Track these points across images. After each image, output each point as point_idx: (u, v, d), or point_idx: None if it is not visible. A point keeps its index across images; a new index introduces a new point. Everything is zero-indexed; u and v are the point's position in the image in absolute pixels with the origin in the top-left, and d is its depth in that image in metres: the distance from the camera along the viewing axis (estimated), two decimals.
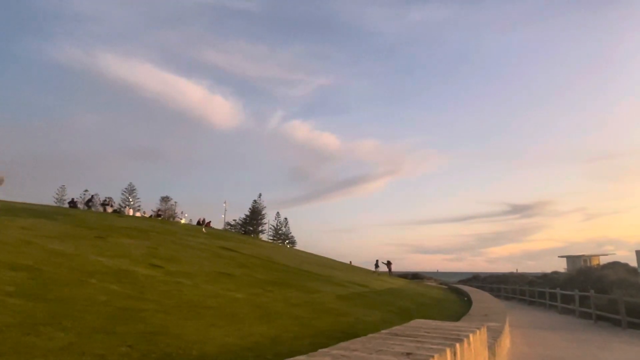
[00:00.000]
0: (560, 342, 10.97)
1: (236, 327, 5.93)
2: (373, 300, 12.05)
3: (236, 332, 5.57)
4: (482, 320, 10.20)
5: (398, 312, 10.59)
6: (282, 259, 19.93)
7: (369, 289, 15.09)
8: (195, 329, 5.33)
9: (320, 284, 13.47)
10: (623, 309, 14.09)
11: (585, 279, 23.74)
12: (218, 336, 5.20)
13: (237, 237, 33.98)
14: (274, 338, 5.70)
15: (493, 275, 47.33)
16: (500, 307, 13.65)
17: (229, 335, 5.37)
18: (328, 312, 8.86)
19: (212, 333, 5.30)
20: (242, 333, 5.61)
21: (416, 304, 13.64)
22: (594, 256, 43.58)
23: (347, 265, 30.25)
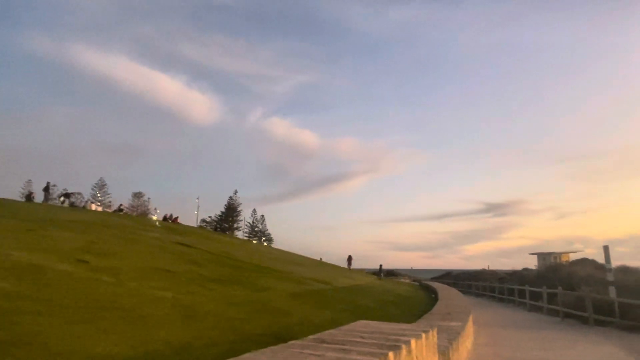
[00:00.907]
0: (526, 342, 10.34)
1: (138, 332, 4.91)
2: (329, 299, 11.17)
3: (132, 339, 4.56)
4: (443, 319, 9.44)
5: (353, 311, 9.73)
6: (243, 255, 18.88)
7: (330, 287, 14.22)
8: (76, 336, 4.29)
9: (276, 281, 12.52)
10: (590, 306, 13.65)
11: (554, 276, 23.53)
12: (101, 345, 4.18)
13: (204, 233, 32.65)
14: (183, 345, 4.72)
15: (465, 272, 47.42)
16: (465, 305, 13.00)
17: (120, 343, 4.35)
18: (270, 312, 7.91)
19: (96, 341, 4.27)
20: (140, 340, 4.59)
21: (378, 302, 12.84)
22: (563, 253, 44.08)
23: (317, 262, 29.39)
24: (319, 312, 8.84)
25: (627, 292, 14.84)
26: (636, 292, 15.58)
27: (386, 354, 3.41)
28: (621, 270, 19.75)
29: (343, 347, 3.81)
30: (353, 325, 4.99)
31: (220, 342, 5.08)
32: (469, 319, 10.17)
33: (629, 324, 12.20)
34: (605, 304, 13.72)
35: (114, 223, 20.35)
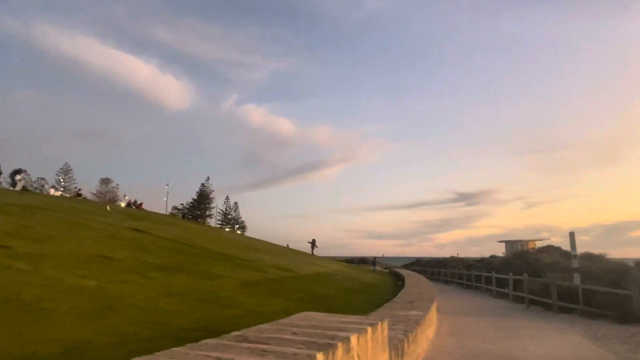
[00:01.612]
0: (491, 331, 9.95)
1: (30, 329, 4.04)
2: (287, 287, 10.47)
3: (15, 339, 3.70)
4: (404, 308, 8.89)
5: (309, 301, 9.07)
6: (205, 242, 17.94)
7: (291, 274, 13.52)
8: None
9: (233, 268, 11.71)
10: (555, 293, 13.48)
11: (520, 263, 23.61)
12: None
13: (169, 219, 31.36)
14: (79, 345, 3.89)
15: (435, 260, 47.79)
16: (430, 292, 12.56)
17: None
18: (214, 302, 7.13)
19: None
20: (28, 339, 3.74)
21: (339, 291, 12.23)
22: (530, 241, 44.96)
23: (284, 249, 28.67)
24: (271, 302, 8.11)
25: (591, 279, 14.77)
26: (599, 279, 15.58)
27: (313, 356, 2.66)
28: (585, 257, 19.87)
29: (264, 346, 3.05)
30: (292, 318, 4.27)
31: (132, 339, 4.27)
32: (432, 307, 9.69)
33: (593, 311, 12.05)
34: (569, 290, 13.58)
35: (65, 207, 18.99)
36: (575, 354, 7.37)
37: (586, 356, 7.26)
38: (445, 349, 7.63)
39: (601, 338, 9.11)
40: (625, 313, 10.90)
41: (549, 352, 7.46)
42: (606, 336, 9.31)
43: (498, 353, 7.35)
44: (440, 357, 7.02)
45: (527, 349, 7.67)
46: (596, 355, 7.41)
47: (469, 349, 7.67)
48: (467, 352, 7.46)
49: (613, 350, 7.78)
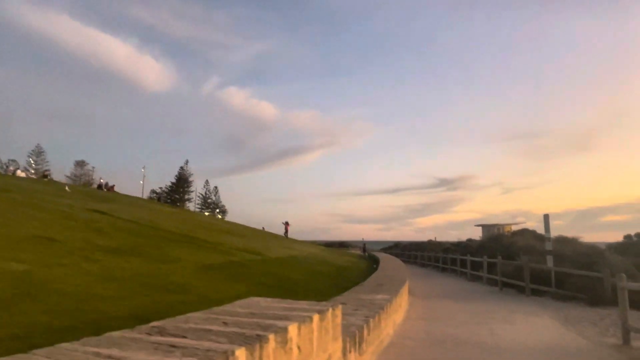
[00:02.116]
0: (462, 315, 9.65)
1: None
2: (251, 271, 9.93)
3: None
4: (371, 292, 8.47)
5: (272, 285, 8.55)
6: (173, 224, 17.20)
7: (260, 258, 12.98)
8: None
9: (195, 252, 11.09)
10: (528, 276, 13.33)
11: (495, 246, 23.64)
12: None
13: (140, 202, 30.33)
14: None
15: (413, 243, 48.05)
16: (402, 275, 12.23)
17: None
18: (160, 288, 6.53)
19: None
20: None
21: (308, 274, 11.77)
22: (506, 225, 45.54)
23: (259, 232, 28.08)
24: (229, 287, 7.55)
25: (564, 262, 14.71)
26: (572, 261, 15.55)
27: (231, 352, 2.11)
28: (559, 240, 19.93)
29: (178, 340, 2.50)
30: (234, 305, 3.71)
31: (40, 331, 3.65)
32: (402, 290, 9.31)
33: (565, 294, 11.93)
34: (542, 273, 13.46)
35: (24, 188, 17.94)
36: (546, 339, 7.07)
37: (557, 341, 6.97)
38: (411, 334, 7.24)
39: (572, 321, 8.90)
40: (596, 295, 10.77)
41: (518, 337, 7.15)
42: (577, 319, 9.12)
43: (466, 338, 7.00)
44: (404, 343, 6.62)
45: (497, 334, 7.35)
46: (567, 339, 7.13)
47: (436, 335, 7.30)
48: (434, 337, 7.09)
49: (584, 334, 7.54)
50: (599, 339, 7.17)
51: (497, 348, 6.41)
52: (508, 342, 6.76)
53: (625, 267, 11.41)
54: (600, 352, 6.30)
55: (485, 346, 6.54)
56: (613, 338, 7.24)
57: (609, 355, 6.11)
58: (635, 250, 15.01)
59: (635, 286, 6.67)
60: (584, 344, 6.77)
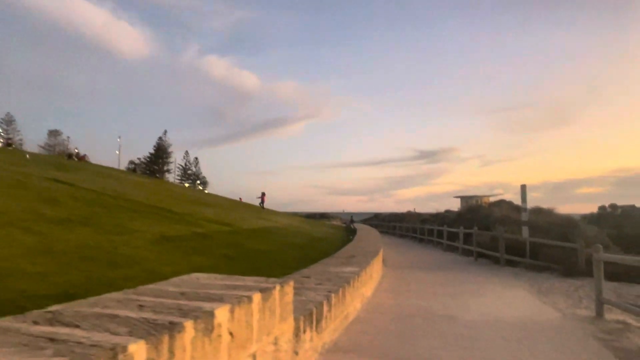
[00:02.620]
0: (434, 287, 9.38)
1: None
2: (215, 243, 9.38)
3: None
4: (340, 264, 8.05)
5: (237, 258, 8.05)
6: (140, 195, 16.41)
7: (229, 229, 12.44)
8: None
9: (157, 222, 10.45)
10: (503, 246, 13.19)
11: (472, 217, 23.66)
12: None
13: (112, 172, 29.19)
14: None
15: (392, 215, 48.27)
16: (376, 246, 11.89)
17: None
18: (103, 261, 5.93)
19: None
20: None
21: (278, 246, 11.31)
22: (484, 197, 46.06)
23: (236, 203, 27.45)
24: (184, 261, 7.00)
25: (540, 233, 14.63)
26: (548, 232, 15.51)
27: (122, 347, 1.51)
28: (534, 211, 19.96)
29: (66, 330, 1.92)
30: (168, 282, 3.15)
31: None
32: (373, 261, 8.94)
33: (538, 264, 11.82)
34: (517, 244, 13.34)
35: None
36: (518, 312, 6.80)
37: (529, 314, 6.71)
38: (380, 308, 6.88)
39: (545, 292, 8.71)
40: (570, 266, 10.65)
41: (490, 310, 6.86)
42: (550, 290, 8.94)
43: (436, 312, 6.67)
44: (372, 318, 6.24)
45: (468, 307, 7.05)
46: (540, 312, 6.88)
47: (406, 308, 6.96)
48: (403, 311, 6.74)
49: (557, 306, 7.31)
50: (572, 311, 6.94)
51: (469, 322, 6.09)
52: (480, 316, 6.46)
53: (600, 238, 11.30)
54: (573, 325, 6.05)
55: (457, 320, 6.22)
56: (586, 310, 7.03)
57: (582, 329, 5.85)
58: (609, 221, 15.03)
59: (612, 258, 6.39)
60: (556, 317, 6.51)
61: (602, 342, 5.19)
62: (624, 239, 12.68)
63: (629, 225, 15.49)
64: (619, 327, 5.83)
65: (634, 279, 9.83)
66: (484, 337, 5.26)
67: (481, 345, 4.92)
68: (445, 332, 5.52)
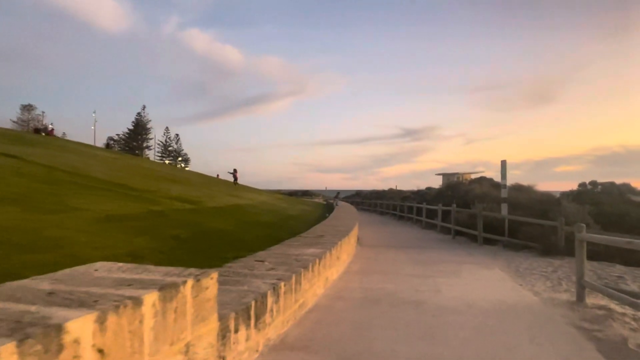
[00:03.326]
0: (406, 266, 8.81)
1: None
2: (168, 223, 8.58)
3: None
4: (304, 245, 7.33)
5: (187, 239, 7.28)
6: (100, 171, 15.36)
7: (192, 207, 11.61)
8: None
9: (107, 200, 9.56)
10: (481, 224, 12.71)
11: (452, 194, 23.28)
12: None
13: (72, 147, 27.71)
14: None
15: (373, 192, 47.93)
16: (350, 225, 11.25)
17: None
18: (19, 245, 5.08)
19: None
20: None
21: (243, 225, 10.56)
22: (466, 174, 45.97)
23: (210, 180, 26.44)
24: (122, 243, 6.19)
25: (519, 210, 14.21)
26: (527, 209, 15.10)
27: None
28: (514, 188, 19.62)
29: None
30: (49, 276, 2.36)
31: None
32: (343, 242, 8.28)
33: (517, 243, 11.37)
34: (496, 221, 12.88)
35: None
36: (493, 296, 6.24)
37: (506, 297, 6.16)
38: (345, 293, 6.24)
39: (524, 273, 8.21)
40: (549, 245, 10.21)
41: (464, 294, 6.28)
42: (528, 271, 8.45)
43: (404, 297, 6.06)
44: (333, 305, 5.59)
45: (440, 291, 6.47)
46: (517, 295, 6.34)
47: (373, 292, 6.33)
48: (369, 295, 6.11)
49: (535, 289, 6.79)
50: (551, 295, 6.42)
51: (438, 309, 5.50)
52: (452, 300, 5.88)
53: (581, 215, 10.86)
54: (552, 312, 5.51)
55: (426, 306, 5.62)
56: (566, 294, 6.51)
57: (562, 316, 5.31)
58: (590, 199, 14.67)
59: (596, 238, 5.84)
60: (535, 302, 5.97)
61: (584, 332, 4.63)
62: (603, 217, 12.31)
63: (608, 202, 15.17)
64: (602, 314, 5.29)
65: (614, 258, 9.43)
66: (452, 327, 4.66)
67: (448, 337, 4.31)
68: (411, 322, 4.90)
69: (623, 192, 17.04)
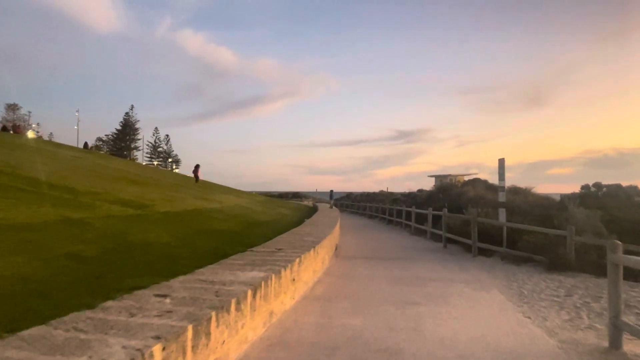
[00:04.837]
0: (385, 288, 7.12)
1: None
2: (82, 235, 6.77)
3: None
4: (256, 263, 5.61)
5: (96, 258, 5.51)
6: (45, 171, 13.51)
7: (138, 212, 9.81)
8: None
9: (17, 205, 7.76)
10: (475, 232, 11.03)
11: (444, 196, 21.64)
12: None
13: (35, 146, 25.78)
14: None
15: (364, 194, 46.27)
16: (322, 234, 9.53)
17: None
18: None
19: None
20: None
21: (189, 235, 8.78)
22: (459, 176, 44.48)
23: (184, 181, 24.45)
24: None
25: (518, 215, 12.59)
26: (526, 214, 13.50)
27: None
28: (511, 191, 18.05)
29: None
30: None
31: None
32: (305, 257, 6.56)
33: (518, 255, 9.71)
34: (492, 229, 11.23)
35: None
36: (493, 337, 4.55)
37: (509, 338, 4.47)
38: (290, 335, 4.51)
39: (529, 297, 6.53)
40: (557, 258, 8.55)
41: (454, 335, 4.58)
42: (535, 294, 6.77)
43: (374, 341, 4.34)
44: (266, 357, 3.87)
45: (422, 330, 4.76)
46: (524, 335, 4.65)
47: (331, 333, 4.61)
48: (324, 339, 4.39)
49: (547, 325, 5.10)
50: (572, 336, 4.73)
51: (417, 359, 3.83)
52: (438, 349, 4.18)
53: (593, 223, 9.22)
54: None
55: (400, 358, 3.93)
56: (591, 333, 4.83)
57: None
58: (596, 203, 13.07)
59: (635, 263, 4.15)
60: (552, 348, 4.28)
61: None
62: (615, 224, 10.68)
63: (616, 207, 13.54)
64: None
65: (636, 275, 7.80)
66: None
67: None
68: None
69: (630, 195, 15.48)
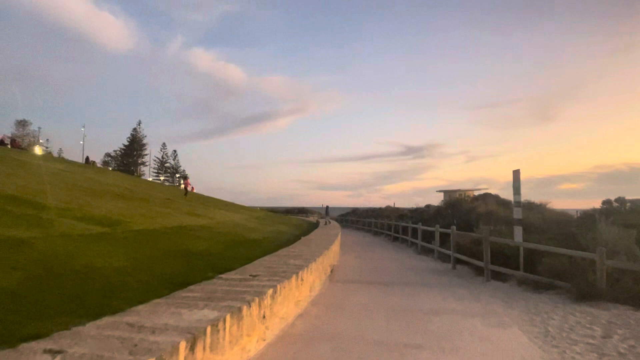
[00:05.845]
0: (379, 326, 5.93)
1: None
2: (6, 262, 5.73)
3: None
4: (216, 297, 4.50)
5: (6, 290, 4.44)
6: (19, 184, 12.60)
7: (105, 231, 8.76)
8: None
9: None
10: (488, 253, 9.78)
11: (453, 212, 20.37)
12: None
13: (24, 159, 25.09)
14: None
15: (370, 210, 44.97)
16: (312, 255, 8.37)
17: None
18: None
19: None
20: None
21: (160, 257, 7.65)
22: (468, 191, 43.08)
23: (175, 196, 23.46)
24: None
25: (534, 233, 11.33)
26: (543, 232, 12.23)
27: None
28: (525, 206, 16.73)
29: None
30: None
31: None
32: (284, 286, 5.43)
33: (536, 280, 8.44)
34: (507, 249, 9.98)
35: None
36: None
37: None
38: None
39: (557, 339, 5.28)
40: (586, 285, 7.28)
41: None
42: (565, 332, 5.52)
43: None
44: None
45: None
46: None
47: None
48: None
49: None
50: None
51: None
52: None
53: (626, 243, 7.96)
54: None
55: None
56: None
57: None
58: (621, 220, 11.72)
59: None
60: None
61: None
62: None
63: None
64: None
65: None
66: None
67: None
68: None
69: None
